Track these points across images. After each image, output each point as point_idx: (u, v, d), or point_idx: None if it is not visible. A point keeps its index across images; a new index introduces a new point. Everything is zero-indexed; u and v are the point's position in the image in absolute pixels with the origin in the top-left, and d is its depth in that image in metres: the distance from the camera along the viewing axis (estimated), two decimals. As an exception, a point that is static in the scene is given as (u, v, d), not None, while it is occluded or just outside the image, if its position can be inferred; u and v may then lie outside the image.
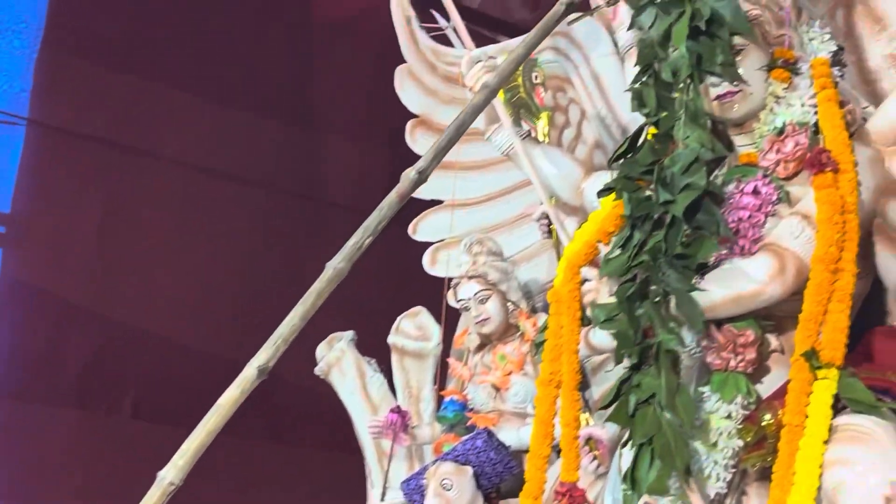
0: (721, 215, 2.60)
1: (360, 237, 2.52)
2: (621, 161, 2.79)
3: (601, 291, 2.75)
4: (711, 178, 2.74)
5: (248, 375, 2.27)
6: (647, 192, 2.68)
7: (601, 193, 2.79)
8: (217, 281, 5.59)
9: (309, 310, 2.42)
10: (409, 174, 2.63)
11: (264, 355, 2.32)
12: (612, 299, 2.66)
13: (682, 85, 2.66)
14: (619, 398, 2.60)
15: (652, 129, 2.75)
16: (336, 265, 2.48)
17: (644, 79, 2.75)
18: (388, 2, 4.56)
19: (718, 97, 2.75)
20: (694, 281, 2.58)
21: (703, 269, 2.63)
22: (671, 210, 2.57)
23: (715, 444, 2.59)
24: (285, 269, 5.51)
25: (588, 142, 4.18)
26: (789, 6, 2.84)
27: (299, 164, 5.61)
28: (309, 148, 5.71)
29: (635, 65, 2.79)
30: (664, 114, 2.69)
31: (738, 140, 2.83)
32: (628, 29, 2.99)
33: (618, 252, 2.67)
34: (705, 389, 2.67)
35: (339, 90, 5.70)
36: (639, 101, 2.77)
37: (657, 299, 2.54)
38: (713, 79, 2.71)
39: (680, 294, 2.52)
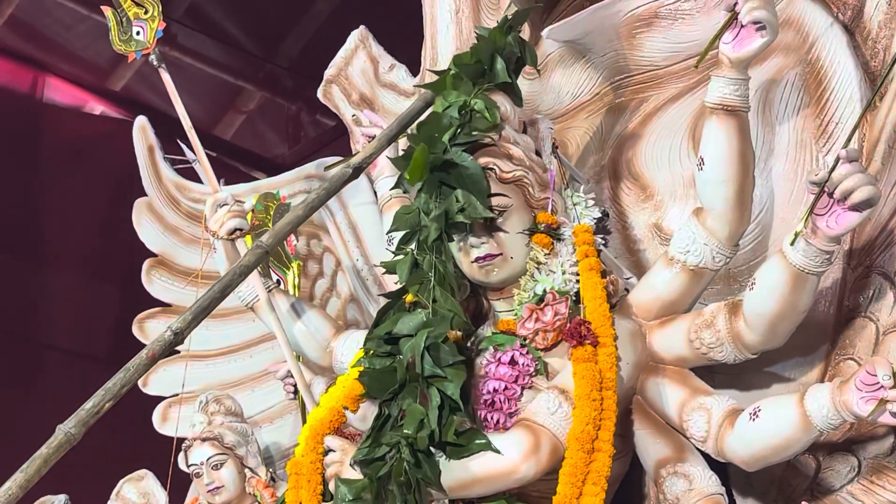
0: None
1: (100, 400, 2.48)
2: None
3: (345, 464, 2.76)
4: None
5: None
6: (390, 362, 2.73)
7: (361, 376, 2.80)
8: None
9: (32, 478, 2.35)
10: (164, 335, 2.61)
11: None
12: (358, 476, 2.68)
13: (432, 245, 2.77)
14: None
15: (409, 297, 2.81)
16: (67, 430, 2.42)
17: (405, 247, 2.83)
18: (130, 129, 4.53)
19: (477, 259, 2.83)
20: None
21: None
22: (445, 388, 2.62)
23: None
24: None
25: (342, 295, 4.23)
26: (554, 169, 2.97)
27: (13, 300, 5.42)
28: (26, 283, 5.53)
29: (389, 231, 2.85)
30: (415, 282, 2.77)
31: (498, 305, 2.92)
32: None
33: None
34: (455, 576, 2.68)
35: (67, 222, 5.57)
36: (391, 272, 2.86)
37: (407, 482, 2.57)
38: (472, 240, 2.80)
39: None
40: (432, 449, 2.61)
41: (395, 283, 2.89)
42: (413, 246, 2.83)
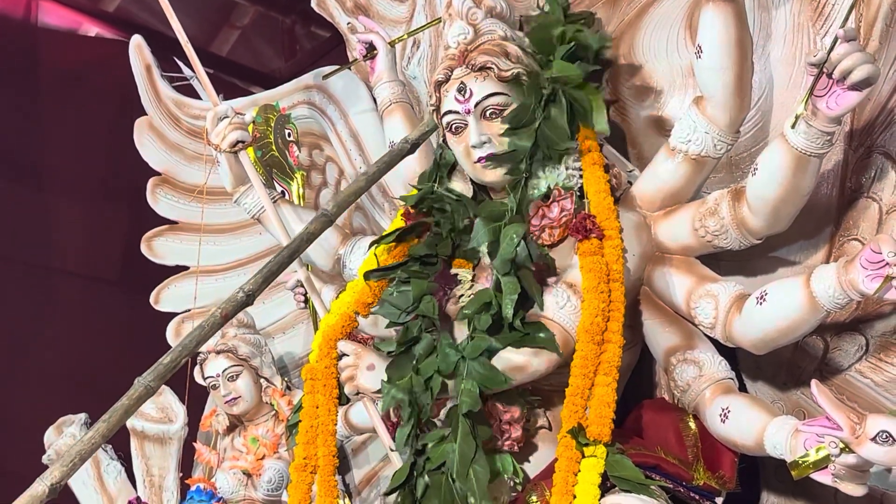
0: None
1: (177, 356, 2.58)
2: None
3: (360, 367, 2.78)
4: None
5: (37, 492, 2.25)
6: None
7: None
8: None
9: (114, 427, 2.45)
10: (237, 295, 2.74)
11: (58, 473, 2.31)
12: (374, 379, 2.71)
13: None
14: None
15: None
16: (147, 382, 2.52)
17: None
18: (126, 49, 4.48)
19: (480, 159, 2.82)
20: None
21: None
22: (529, 285, 2.67)
23: None
24: (8, 341, 5.30)
25: (347, 204, 4.21)
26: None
27: (23, 226, 5.41)
28: (35, 209, 5.52)
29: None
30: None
31: (503, 205, 2.92)
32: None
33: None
34: (470, 471, 2.70)
35: (69, 146, 5.53)
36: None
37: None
38: (474, 140, 2.80)
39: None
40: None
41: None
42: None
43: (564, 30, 2.89)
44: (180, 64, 4.46)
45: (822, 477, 2.30)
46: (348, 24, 4.06)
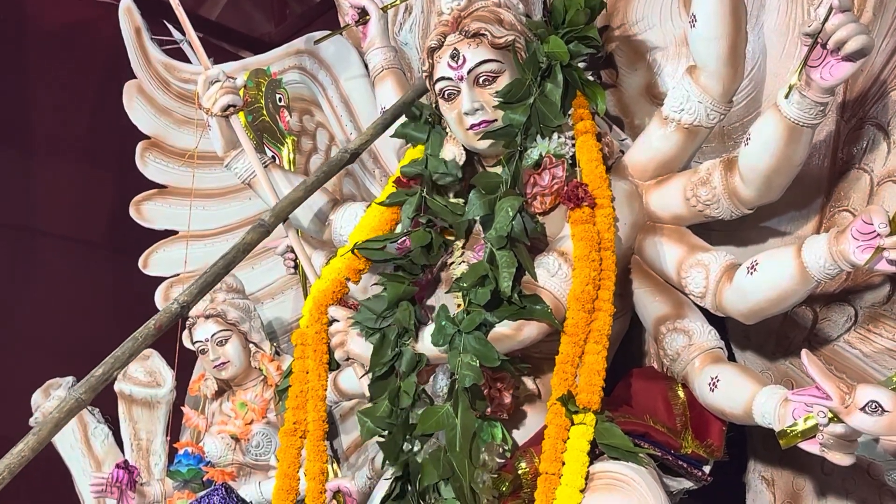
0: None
1: (109, 368, 2.54)
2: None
3: (350, 333, 2.78)
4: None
5: None
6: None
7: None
8: None
9: (44, 440, 2.42)
10: (171, 307, 2.69)
11: None
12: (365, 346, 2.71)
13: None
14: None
15: None
16: (78, 395, 2.50)
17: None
18: (115, 12, 4.46)
19: (473, 126, 2.82)
20: None
21: None
22: (523, 258, 2.64)
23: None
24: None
25: (337, 169, 4.21)
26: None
27: (10, 188, 5.38)
28: (20, 171, 5.49)
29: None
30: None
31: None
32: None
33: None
34: (460, 437, 2.71)
35: (58, 109, 5.50)
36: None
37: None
38: (466, 107, 2.79)
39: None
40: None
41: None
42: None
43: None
44: (170, 27, 4.45)
45: (810, 446, 2.30)
46: (340, -12, 4.04)
